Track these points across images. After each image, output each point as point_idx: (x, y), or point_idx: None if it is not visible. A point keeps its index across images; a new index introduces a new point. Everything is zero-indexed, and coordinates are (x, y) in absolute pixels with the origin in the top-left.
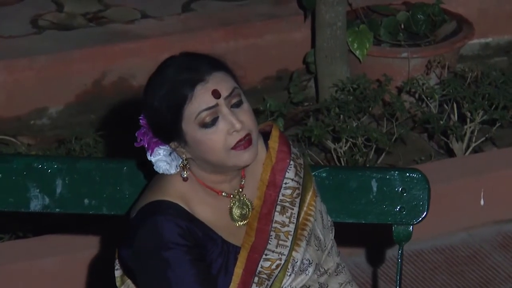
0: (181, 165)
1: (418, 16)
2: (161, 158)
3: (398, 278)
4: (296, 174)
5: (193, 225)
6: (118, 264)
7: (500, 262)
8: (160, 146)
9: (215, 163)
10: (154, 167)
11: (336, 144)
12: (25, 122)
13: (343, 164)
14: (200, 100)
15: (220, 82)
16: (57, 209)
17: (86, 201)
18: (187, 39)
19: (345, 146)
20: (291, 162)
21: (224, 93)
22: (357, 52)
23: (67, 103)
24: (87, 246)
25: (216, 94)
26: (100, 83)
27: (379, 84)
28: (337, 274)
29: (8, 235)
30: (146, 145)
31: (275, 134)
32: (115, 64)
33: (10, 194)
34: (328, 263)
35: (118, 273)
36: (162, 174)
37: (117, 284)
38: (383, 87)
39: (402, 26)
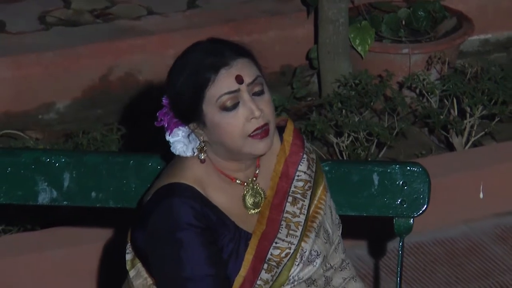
0: (199, 147)
1: (419, 13)
2: (179, 139)
3: (399, 270)
4: (308, 168)
5: (208, 208)
6: (130, 248)
7: (499, 254)
8: (180, 127)
9: (231, 148)
10: (171, 148)
11: (339, 138)
12: (33, 117)
13: (345, 158)
14: (223, 83)
15: (244, 69)
16: (64, 202)
17: (93, 194)
18: (192, 35)
19: (347, 140)
20: (304, 156)
21: (247, 79)
22: (359, 48)
23: (75, 98)
24: (93, 239)
25: (239, 79)
26: (107, 79)
27: (380, 80)
28: (341, 270)
29: (17, 228)
30: (166, 125)
31: (290, 128)
32: (122, 59)
33: (19, 187)
34: (334, 259)
35: (129, 257)
36: (179, 159)
37: (127, 267)
38: (385, 83)
39: (403, 23)
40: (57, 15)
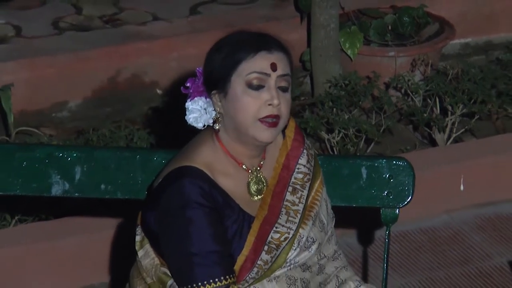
0: (214, 117)
1: (404, 19)
2: (197, 108)
3: (385, 256)
4: (308, 162)
5: (215, 190)
6: (140, 230)
7: (478, 241)
8: (201, 97)
9: (240, 126)
10: (186, 115)
11: (330, 134)
12: (47, 115)
13: (336, 153)
14: (258, 62)
15: (281, 61)
16: (76, 194)
17: (102, 186)
18: (194, 40)
19: (337, 137)
20: (304, 151)
21: (280, 71)
22: (348, 51)
23: (85, 97)
24: (102, 228)
25: (274, 66)
26: (115, 80)
27: (368, 80)
28: (333, 260)
29: (32, 218)
30: (191, 91)
31: (291, 125)
32: (129, 62)
33: (34, 180)
34: (328, 249)
35: (138, 238)
36: (189, 145)
37: (136, 248)
38: (372, 83)
39: (390, 28)
40: (69, 20)
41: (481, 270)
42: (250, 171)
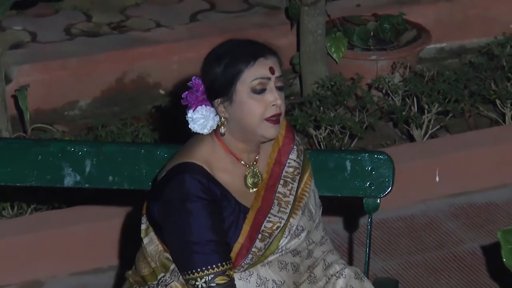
0: (219, 122)
1: (385, 25)
2: (200, 116)
3: (368, 242)
4: (297, 157)
5: (213, 184)
6: (145, 219)
7: (452, 228)
8: (203, 106)
9: (247, 127)
10: (190, 125)
11: (317, 131)
12: (60, 113)
13: (322, 147)
14: (259, 69)
15: (275, 64)
16: (86, 185)
17: (110, 178)
18: (194, 45)
19: (324, 133)
20: (294, 147)
21: (277, 73)
22: (334, 55)
23: (95, 97)
24: (111, 216)
25: (272, 70)
26: (122, 81)
27: (352, 82)
28: (321, 245)
29: (46, 206)
30: (192, 102)
31: (283, 123)
32: (134, 65)
33: (48, 172)
34: (316, 235)
35: (143, 226)
36: (190, 143)
37: (142, 235)
38: (356, 84)
39: (372, 34)
40: (80, 27)
41: (455, 254)
42: (247, 165)
